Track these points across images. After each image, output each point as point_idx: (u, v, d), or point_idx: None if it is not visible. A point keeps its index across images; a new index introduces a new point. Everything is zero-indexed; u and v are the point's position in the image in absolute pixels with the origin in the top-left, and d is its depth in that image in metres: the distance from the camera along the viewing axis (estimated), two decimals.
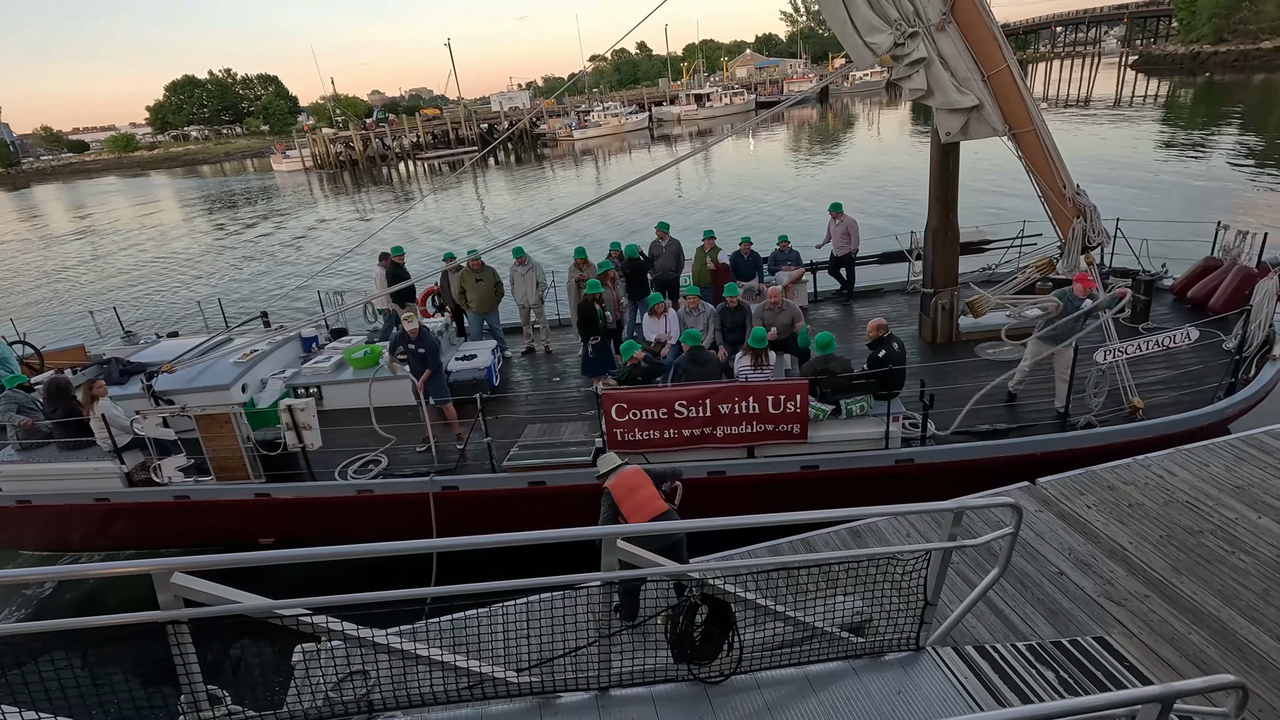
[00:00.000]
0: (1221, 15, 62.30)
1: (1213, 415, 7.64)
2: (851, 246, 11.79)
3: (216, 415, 7.66)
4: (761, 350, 8.03)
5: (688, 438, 7.49)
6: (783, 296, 9.18)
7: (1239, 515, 6.13)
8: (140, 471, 8.23)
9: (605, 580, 3.39)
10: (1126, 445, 7.40)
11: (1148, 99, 50.69)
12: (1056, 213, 8.17)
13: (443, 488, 7.71)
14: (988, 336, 9.45)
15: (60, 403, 8.28)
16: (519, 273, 10.82)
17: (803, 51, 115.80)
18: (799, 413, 7.28)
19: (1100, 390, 7.72)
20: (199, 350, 9.89)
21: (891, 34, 7.67)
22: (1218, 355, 8.73)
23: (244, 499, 7.98)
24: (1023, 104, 7.79)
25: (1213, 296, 10.01)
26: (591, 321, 9.20)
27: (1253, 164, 26.07)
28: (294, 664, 4.30)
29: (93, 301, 22.84)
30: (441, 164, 61.33)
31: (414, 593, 2.87)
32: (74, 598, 8.66)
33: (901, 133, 50.82)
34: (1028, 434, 7.63)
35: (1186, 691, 2.60)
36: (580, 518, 5.88)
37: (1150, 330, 9.27)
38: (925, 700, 3.84)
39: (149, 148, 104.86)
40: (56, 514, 8.42)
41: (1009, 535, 3.80)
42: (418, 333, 8.25)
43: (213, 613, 2.84)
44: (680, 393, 7.36)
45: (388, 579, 3.19)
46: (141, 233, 39.26)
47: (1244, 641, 4.86)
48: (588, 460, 7.60)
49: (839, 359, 7.71)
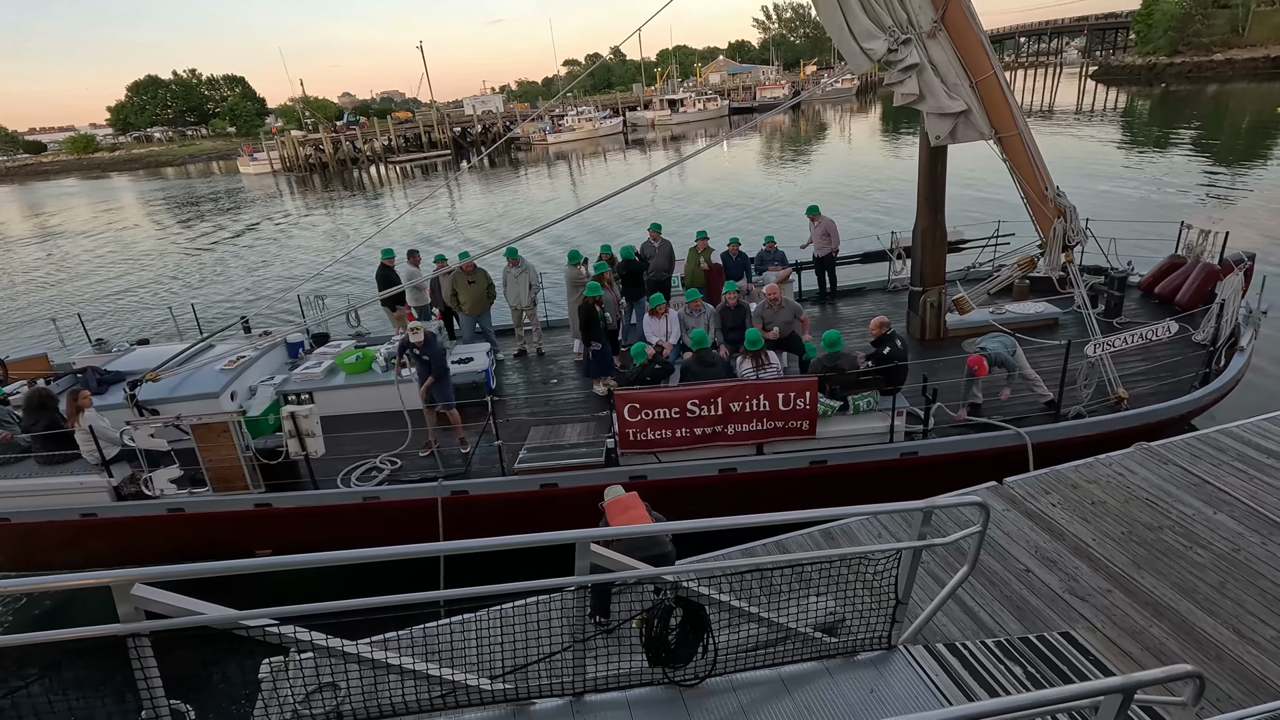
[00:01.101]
0: (1176, 28, 64.47)
1: (1193, 403, 8.08)
2: (832, 246, 12.03)
3: (214, 424, 7.39)
4: (758, 352, 8.11)
5: (699, 436, 7.55)
6: (782, 294, 9.30)
7: (1196, 511, 6.32)
8: (129, 484, 7.90)
9: (579, 584, 3.37)
10: (1116, 434, 7.76)
11: (1108, 108, 52.19)
12: (1038, 213, 8.45)
13: (452, 492, 7.62)
14: (974, 332, 9.74)
15: (42, 415, 7.91)
16: (512, 274, 10.78)
17: (775, 58, 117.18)
18: (809, 409, 7.42)
19: (1090, 382, 8.06)
20: (182, 358, 9.56)
21: (886, 40, 7.91)
22: (1187, 348, 9.14)
23: (243, 510, 7.73)
24: (1008, 109, 8.08)
25: (1179, 292, 10.53)
26: (594, 324, 9.22)
27: (1207, 170, 26.98)
28: (261, 677, 4.20)
29: (53, 309, 22.11)
30: (414, 168, 60.68)
31: (385, 600, 2.83)
32: (41, 614, 8.35)
33: (873, 138, 51.68)
34: (1022, 426, 7.89)
35: (1146, 682, 2.68)
36: (593, 519, 5.95)
37: (1124, 324, 9.69)
38: (897, 698, 3.89)
39: (110, 149, 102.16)
40: (37, 531, 7.99)
41: (977, 534, 3.87)
42: (424, 342, 8.18)
43: (174, 624, 2.77)
44: (693, 391, 7.43)
45: (365, 586, 3.13)
46: (104, 236, 38.18)
47: (1201, 633, 5.01)
48: (600, 461, 7.67)
49: (847, 356, 7.90)
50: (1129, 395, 8.10)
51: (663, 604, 3.60)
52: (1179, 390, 8.24)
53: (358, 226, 34.34)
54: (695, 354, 8.01)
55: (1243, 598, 5.29)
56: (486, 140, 72.16)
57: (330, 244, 30.40)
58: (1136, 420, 7.89)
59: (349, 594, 2.80)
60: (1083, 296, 8.65)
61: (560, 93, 64.18)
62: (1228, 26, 63.12)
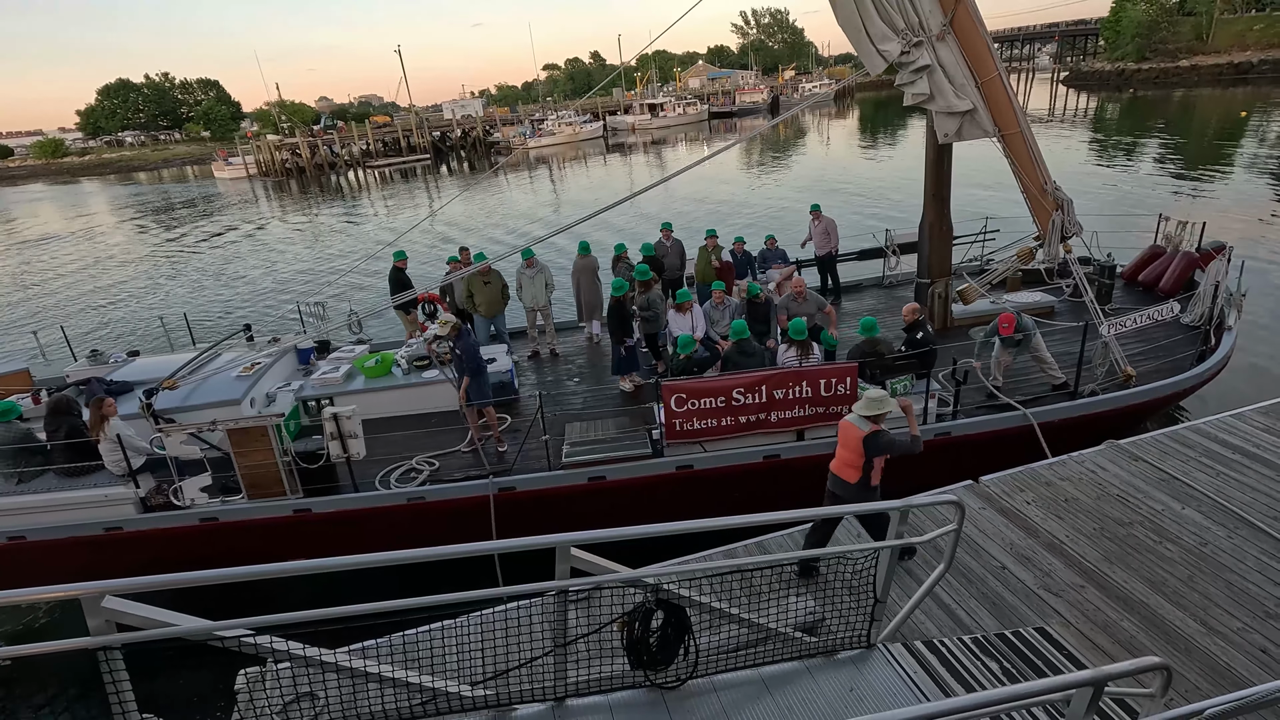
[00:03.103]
0: (1143, 35, 65.97)
1: (1195, 378, 8.62)
2: (831, 245, 12.37)
3: (252, 429, 7.16)
4: (804, 341, 8.36)
5: (743, 424, 7.70)
6: (806, 287, 9.64)
7: (1165, 506, 6.47)
8: (156, 495, 7.60)
9: (559, 589, 3.37)
10: (1128, 409, 8.36)
11: (1079, 112, 53.26)
12: (1037, 206, 8.88)
13: (500, 489, 7.57)
14: (978, 321, 10.12)
15: (63, 422, 7.50)
16: (527, 275, 10.82)
17: (754, 63, 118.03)
18: (849, 394, 7.61)
19: (1105, 362, 8.51)
20: (192, 366, 9.34)
21: (900, 42, 8.34)
22: (1177, 330, 9.64)
23: (282, 516, 7.48)
24: (1011, 108, 8.49)
25: (1161, 279, 11.18)
26: (626, 322, 9.45)
27: (1175, 174, 27.64)
28: (237, 688, 4.14)
29: (28, 321, 21.44)
30: (392, 172, 60.14)
31: (360, 609, 2.81)
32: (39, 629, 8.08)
33: (851, 141, 52.26)
34: (1039, 405, 8.21)
35: (1116, 675, 2.75)
36: (640, 511, 5.98)
37: (1116, 310, 10.17)
38: (876, 696, 3.94)
39: (80, 153, 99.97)
40: (58, 549, 7.53)
41: (953, 532, 3.94)
42: (455, 333, 8.10)
43: (146, 636, 2.72)
44: (739, 380, 7.58)
45: (355, 594, 3.10)
46: (76, 244, 37.30)
47: (1170, 626, 5.13)
48: (648, 453, 7.78)
49: (884, 341, 8.17)
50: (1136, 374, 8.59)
51: (644, 606, 3.61)
52: (1180, 368, 8.74)
53: (340, 230, 33.98)
54: (736, 344, 8.20)
55: (1210, 590, 5.43)
56: (466, 145, 71.81)
57: (311, 250, 30.03)
58: (1147, 396, 8.35)
59: (349, 599, 2.79)
60: (1083, 283, 9.14)
61: (604, 83, 61.74)
62: (1192, 34, 64.80)
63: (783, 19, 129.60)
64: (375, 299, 18.17)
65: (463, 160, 65.25)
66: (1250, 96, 49.26)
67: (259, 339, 10.99)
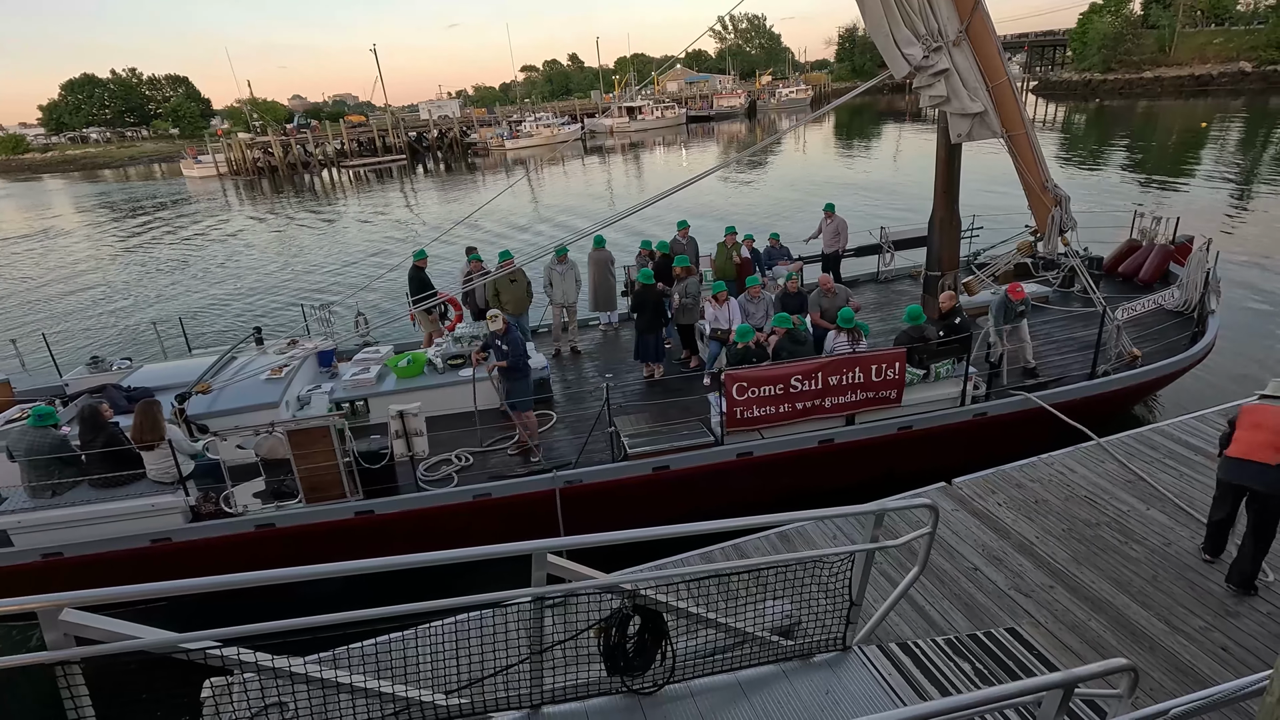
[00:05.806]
0: (1109, 47, 67.67)
1: (1192, 357, 9.37)
2: (840, 244, 12.74)
3: (313, 430, 6.92)
4: (853, 329, 8.63)
5: (800, 410, 8.00)
6: (833, 282, 10.12)
7: (1131, 507, 6.62)
8: (206, 503, 7.29)
9: (535, 596, 3.34)
10: (1141, 385, 9.18)
11: (1048, 122, 54.47)
12: (1036, 202, 9.35)
13: (565, 483, 7.54)
14: (982, 312, 10.50)
15: (99, 433, 7.04)
16: (558, 271, 10.82)
17: (731, 68, 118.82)
18: (897, 379, 8.02)
19: (1117, 345, 9.18)
20: (214, 369, 9.10)
21: (921, 47, 8.77)
22: (1164, 316, 10.47)
23: (343, 520, 7.29)
24: (1017, 110, 8.93)
25: (1141, 270, 12.02)
26: (661, 312, 9.80)
27: (1141, 180, 28.40)
28: (203, 698, 4.03)
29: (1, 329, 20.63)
30: (368, 172, 59.39)
31: (331, 618, 2.74)
32: None
33: (828, 145, 52.84)
34: (1061, 385, 8.79)
35: (1085, 677, 2.79)
36: (703, 499, 5.83)
37: (1107, 298, 10.77)
38: (852, 698, 3.96)
39: (42, 150, 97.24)
40: (99, 564, 7.06)
41: (927, 535, 3.98)
42: (505, 329, 8.06)
43: (107, 650, 2.63)
44: (797, 367, 7.88)
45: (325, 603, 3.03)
46: (41, 244, 36.16)
47: (1136, 625, 5.25)
48: (710, 441, 7.94)
49: (929, 327, 8.57)
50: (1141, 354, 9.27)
51: (620, 612, 3.59)
52: (1175, 349, 9.42)
53: (317, 229, 33.42)
54: (786, 333, 8.59)
55: (1173, 590, 5.56)
56: (443, 145, 71.21)
57: (286, 253, 29.47)
58: (1154, 374, 9.06)
59: (317, 609, 2.72)
60: (1084, 275, 9.72)
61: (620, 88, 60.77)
62: (1155, 46, 66.61)
63: (760, 25, 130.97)
64: (376, 299, 17.99)
65: (439, 161, 64.62)
66: (1210, 108, 50.82)
67: (280, 341, 10.73)
